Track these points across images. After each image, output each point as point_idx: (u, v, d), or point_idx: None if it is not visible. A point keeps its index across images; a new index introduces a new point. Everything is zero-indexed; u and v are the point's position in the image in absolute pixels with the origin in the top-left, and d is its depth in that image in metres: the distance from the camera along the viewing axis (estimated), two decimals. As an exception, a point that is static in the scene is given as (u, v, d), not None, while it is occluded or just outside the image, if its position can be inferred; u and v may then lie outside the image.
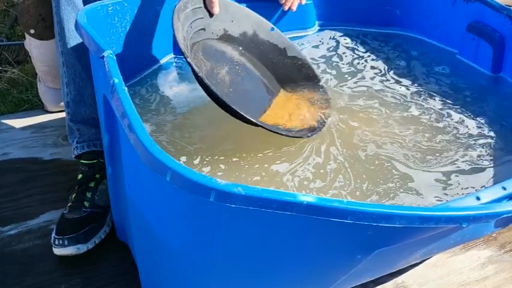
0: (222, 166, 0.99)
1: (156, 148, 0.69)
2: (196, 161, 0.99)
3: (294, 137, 1.05)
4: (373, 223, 0.68)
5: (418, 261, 1.15)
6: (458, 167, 1.04)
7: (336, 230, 0.72)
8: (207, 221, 0.74)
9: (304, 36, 1.41)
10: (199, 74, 0.97)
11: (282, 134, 1.03)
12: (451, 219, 0.72)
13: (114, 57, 0.86)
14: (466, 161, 1.05)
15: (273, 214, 0.66)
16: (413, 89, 1.25)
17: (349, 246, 0.78)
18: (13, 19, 2.03)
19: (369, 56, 1.36)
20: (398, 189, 0.98)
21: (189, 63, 0.98)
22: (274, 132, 1.02)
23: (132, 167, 0.85)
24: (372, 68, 1.32)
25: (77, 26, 0.97)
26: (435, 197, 0.97)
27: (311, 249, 0.77)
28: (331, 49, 1.38)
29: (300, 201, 0.66)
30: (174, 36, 1.00)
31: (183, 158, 1.00)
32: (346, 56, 1.36)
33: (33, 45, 1.47)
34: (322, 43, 1.39)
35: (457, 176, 1.01)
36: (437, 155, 1.06)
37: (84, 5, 1.08)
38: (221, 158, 1.00)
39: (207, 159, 0.99)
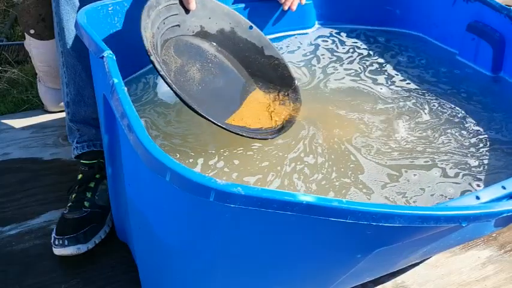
0: (236, 161, 1.00)
1: (155, 148, 0.69)
2: (205, 160, 0.99)
3: (256, 138, 1.03)
4: (373, 223, 0.68)
5: (418, 261, 1.15)
6: (457, 166, 1.04)
7: (335, 229, 0.72)
8: (207, 221, 0.74)
9: (304, 36, 1.41)
10: (161, 73, 0.94)
11: (243, 136, 1.01)
12: (451, 218, 0.72)
13: (114, 58, 0.87)
14: (465, 161, 1.05)
15: (273, 214, 0.66)
16: (412, 88, 1.25)
17: (349, 245, 0.78)
18: (13, 19, 2.03)
19: (367, 55, 1.36)
20: (397, 188, 0.98)
21: (151, 62, 0.94)
22: (236, 134, 1.00)
23: (132, 167, 0.85)
24: (370, 67, 1.32)
25: (77, 26, 0.97)
26: (437, 195, 0.97)
27: (311, 248, 0.77)
28: (330, 49, 1.38)
29: (299, 201, 0.66)
30: (140, 34, 0.98)
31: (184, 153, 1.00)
32: (345, 55, 1.36)
33: (33, 45, 1.47)
34: (322, 43, 1.39)
35: (456, 176, 1.01)
36: (435, 154, 1.06)
37: (84, 5, 1.08)
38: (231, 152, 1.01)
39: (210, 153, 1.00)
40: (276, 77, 1.21)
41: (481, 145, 1.09)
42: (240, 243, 0.76)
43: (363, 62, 1.34)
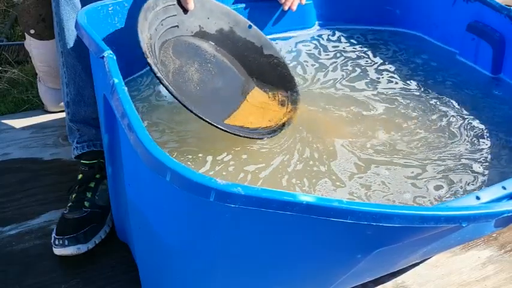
0: (245, 156, 1.01)
1: (156, 148, 0.69)
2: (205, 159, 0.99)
3: (252, 138, 1.03)
4: (373, 223, 0.68)
5: (418, 261, 1.15)
6: (457, 166, 1.04)
7: (335, 229, 0.72)
8: (207, 221, 0.74)
9: (304, 36, 1.41)
10: (157, 75, 0.94)
11: (240, 136, 1.01)
12: (451, 218, 0.72)
13: (114, 58, 0.87)
14: (464, 161, 1.05)
15: (273, 214, 0.66)
16: (412, 89, 1.25)
17: (349, 246, 0.78)
18: (13, 19, 2.03)
19: (367, 55, 1.36)
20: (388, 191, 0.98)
21: (148, 64, 0.94)
22: (233, 134, 1.00)
23: (132, 167, 0.85)
24: (370, 67, 1.32)
25: (77, 26, 0.97)
26: (434, 197, 0.97)
27: (311, 249, 0.77)
28: (330, 49, 1.38)
29: (299, 201, 0.66)
30: (137, 36, 0.97)
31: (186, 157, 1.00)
32: (345, 55, 1.36)
33: (33, 45, 1.47)
34: (322, 43, 1.39)
35: (457, 176, 1.01)
36: (433, 154, 1.06)
37: (84, 5, 1.08)
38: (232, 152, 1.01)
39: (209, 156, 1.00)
40: (275, 76, 1.21)
41: (480, 144, 1.09)
42: (240, 243, 0.76)
43: (361, 63, 1.34)
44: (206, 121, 0.96)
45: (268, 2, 1.33)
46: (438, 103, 1.21)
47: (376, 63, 1.34)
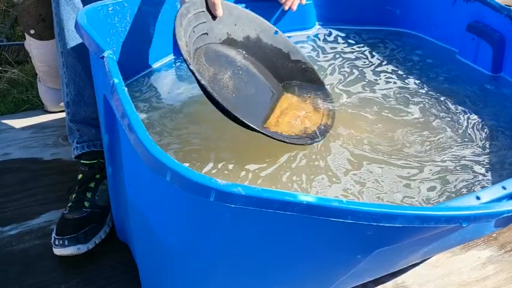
0: (249, 154, 1.01)
1: (156, 148, 0.69)
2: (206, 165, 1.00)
3: (296, 144, 1.04)
4: (373, 223, 0.68)
5: (418, 261, 1.15)
6: (456, 166, 1.04)
7: (335, 229, 0.72)
8: (207, 221, 0.74)
9: (304, 36, 1.41)
10: (202, 82, 0.96)
11: (285, 142, 1.02)
12: (451, 218, 0.72)
13: (114, 58, 0.86)
14: (463, 160, 1.05)
15: (273, 214, 0.66)
16: (412, 89, 1.25)
17: (349, 246, 0.78)
18: (13, 19, 2.03)
19: (367, 56, 1.37)
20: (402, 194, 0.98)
21: (191, 71, 0.96)
22: (277, 139, 1.01)
23: (132, 167, 0.85)
24: (371, 67, 1.32)
25: (77, 26, 0.97)
26: (433, 198, 0.97)
27: (311, 248, 0.77)
28: (330, 49, 1.38)
29: (300, 201, 0.66)
30: (176, 42, 0.99)
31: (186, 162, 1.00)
32: (345, 56, 1.36)
33: (33, 46, 1.47)
34: (322, 43, 1.39)
35: (455, 175, 1.01)
36: (433, 154, 1.06)
37: (84, 5, 1.08)
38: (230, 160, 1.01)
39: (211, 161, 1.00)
40: (305, 82, 1.22)
41: (480, 144, 1.09)
42: (240, 243, 0.76)
43: (363, 62, 1.34)
44: (254, 129, 0.96)
45: (268, 2, 1.33)
46: (437, 103, 1.20)
47: (374, 63, 1.34)
